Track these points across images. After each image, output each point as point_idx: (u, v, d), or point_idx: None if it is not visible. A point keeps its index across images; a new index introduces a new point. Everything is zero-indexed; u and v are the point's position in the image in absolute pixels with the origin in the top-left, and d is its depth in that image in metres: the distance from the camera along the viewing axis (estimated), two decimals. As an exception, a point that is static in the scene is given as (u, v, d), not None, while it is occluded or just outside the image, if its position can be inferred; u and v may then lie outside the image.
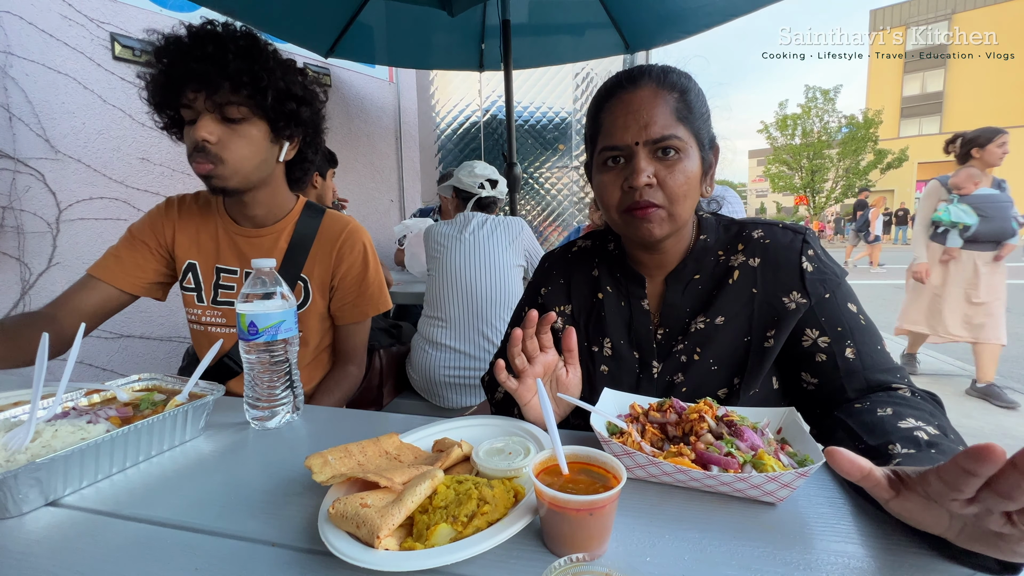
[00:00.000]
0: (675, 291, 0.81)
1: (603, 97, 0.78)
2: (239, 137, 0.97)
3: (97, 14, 2.10)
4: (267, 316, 0.77)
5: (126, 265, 1.08)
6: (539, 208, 4.16)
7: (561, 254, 0.95)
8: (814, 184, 25.42)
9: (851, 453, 0.42)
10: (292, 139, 1.07)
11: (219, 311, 1.11)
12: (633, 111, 0.73)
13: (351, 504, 0.48)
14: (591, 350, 0.86)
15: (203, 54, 0.91)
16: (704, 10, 2.49)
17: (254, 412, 0.80)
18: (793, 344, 0.75)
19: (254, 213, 1.09)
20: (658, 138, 0.71)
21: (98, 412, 0.72)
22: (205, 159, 0.95)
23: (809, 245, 0.77)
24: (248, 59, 0.93)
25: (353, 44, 2.81)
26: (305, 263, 1.11)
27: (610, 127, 0.75)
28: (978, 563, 0.43)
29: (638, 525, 0.51)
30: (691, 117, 0.74)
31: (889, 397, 0.65)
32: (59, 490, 0.60)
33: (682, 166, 0.72)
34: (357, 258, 1.14)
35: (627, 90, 0.75)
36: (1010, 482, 0.35)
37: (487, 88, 4.05)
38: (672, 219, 0.74)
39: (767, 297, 0.76)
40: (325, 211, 1.17)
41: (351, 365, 1.20)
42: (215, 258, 1.11)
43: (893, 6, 29.67)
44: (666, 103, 0.73)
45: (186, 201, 1.14)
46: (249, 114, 0.96)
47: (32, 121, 1.95)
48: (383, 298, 1.20)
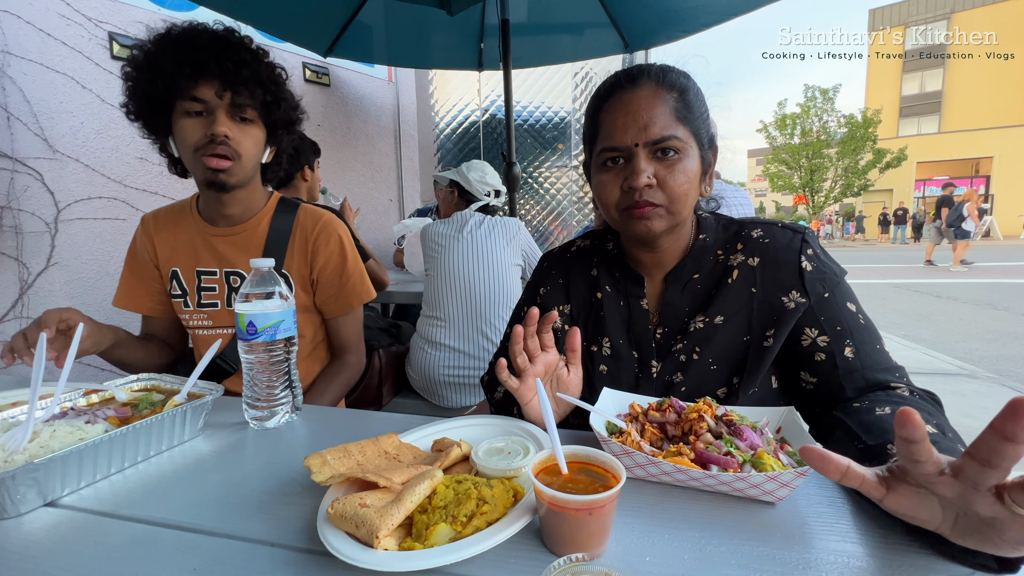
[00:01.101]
0: (674, 290, 0.81)
1: (602, 97, 0.78)
2: (249, 137, 1.02)
3: (95, 13, 2.10)
4: (266, 316, 0.77)
5: (135, 292, 1.15)
6: (538, 208, 4.16)
7: (560, 254, 0.95)
8: (813, 184, 25.43)
9: (825, 451, 0.42)
10: (279, 144, 1.12)
11: (204, 313, 1.12)
12: (632, 112, 0.72)
13: (350, 504, 0.48)
14: (590, 350, 0.86)
15: (226, 56, 0.95)
16: (703, 9, 2.49)
17: (253, 412, 0.80)
18: (792, 343, 0.75)
19: (230, 212, 1.10)
20: (658, 139, 0.71)
21: (96, 412, 0.72)
22: (226, 152, 0.98)
23: (808, 244, 0.77)
24: (258, 69, 1.01)
25: (352, 43, 2.81)
26: (284, 258, 1.13)
27: (609, 128, 0.75)
28: (977, 562, 0.43)
29: (637, 525, 0.51)
30: (690, 117, 0.74)
31: (888, 396, 0.65)
32: (57, 490, 0.60)
33: (682, 166, 0.72)
34: (334, 250, 1.15)
35: (626, 90, 0.75)
36: (989, 447, 0.35)
37: (486, 88, 4.05)
38: (671, 216, 0.74)
39: (766, 296, 0.76)
40: (299, 205, 1.18)
41: (348, 355, 1.22)
42: (194, 262, 1.12)
43: (892, 5, 29.70)
44: (665, 103, 0.73)
45: (160, 215, 1.16)
46: (257, 118, 1.03)
47: (30, 120, 1.94)
48: (366, 288, 1.21)
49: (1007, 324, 5.18)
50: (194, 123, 0.97)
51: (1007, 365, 3.79)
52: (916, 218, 22.75)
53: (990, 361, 3.90)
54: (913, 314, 5.89)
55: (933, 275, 9.44)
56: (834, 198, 25.44)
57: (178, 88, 0.95)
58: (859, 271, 10.54)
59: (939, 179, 27.07)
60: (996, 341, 4.52)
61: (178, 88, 0.95)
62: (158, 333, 1.19)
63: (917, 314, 5.89)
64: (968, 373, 3.59)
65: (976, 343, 4.47)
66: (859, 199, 26.84)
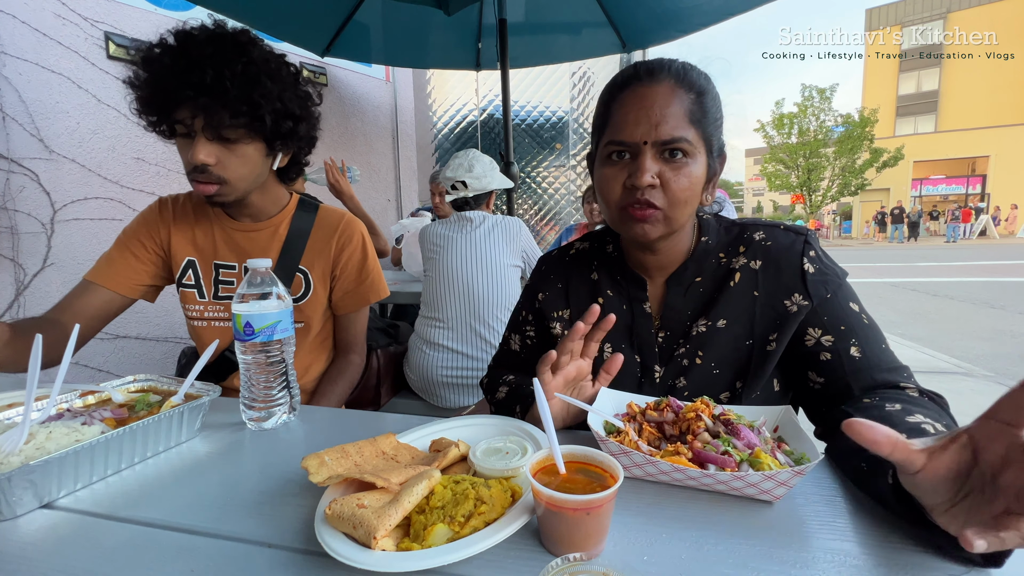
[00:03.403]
0: (676, 293, 0.81)
1: (618, 87, 0.75)
2: (236, 156, 0.97)
3: (91, 13, 2.09)
4: (263, 316, 0.77)
5: (120, 268, 1.08)
6: (536, 207, 4.16)
7: (558, 257, 0.94)
8: (810, 183, 25.48)
9: (869, 423, 0.42)
10: (287, 151, 1.09)
11: (221, 305, 1.12)
12: (646, 107, 0.70)
13: (348, 505, 0.48)
14: None
15: (201, 80, 0.88)
16: (700, 9, 2.50)
17: (250, 413, 0.80)
18: (796, 344, 0.75)
19: (251, 210, 1.11)
20: (667, 139, 0.69)
21: (93, 413, 0.72)
22: (208, 180, 0.96)
23: (811, 246, 0.76)
24: (247, 84, 0.91)
25: (349, 43, 2.81)
26: (304, 255, 1.14)
27: (620, 120, 0.73)
28: (963, 555, 0.44)
29: (635, 524, 0.51)
30: (704, 121, 0.72)
31: (897, 395, 0.65)
32: (53, 492, 0.59)
33: (687, 170, 0.71)
34: (357, 247, 1.18)
35: (644, 83, 0.72)
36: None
37: (484, 87, 4.05)
38: (668, 222, 0.73)
39: (769, 300, 0.76)
40: (319, 206, 1.20)
41: (352, 354, 1.24)
42: (213, 255, 1.12)
43: (888, 5, 29.78)
44: (681, 103, 0.70)
45: (179, 200, 1.15)
46: (245, 135, 0.96)
47: (26, 121, 1.94)
48: (382, 285, 1.24)
49: (1003, 322, 5.20)
50: (183, 144, 0.96)
51: (1003, 363, 3.81)
52: (911, 217, 22.82)
53: (986, 359, 3.92)
54: (910, 312, 5.91)
55: (930, 274, 9.48)
56: (831, 197, 25.49)
57: (162, 110, 0.94)
58: (858, 270, 10.56)
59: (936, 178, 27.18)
60: (992, 339, 4.54)
61: (162, 110, 0.94)
62: (85, 313, 1.02)
63: (914, 312, 5.91)
64: (964, 371, 3.61)
65: (972, 341, 4.49)
66: (856, 198, 26.90)
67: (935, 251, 11.43)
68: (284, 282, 1.11)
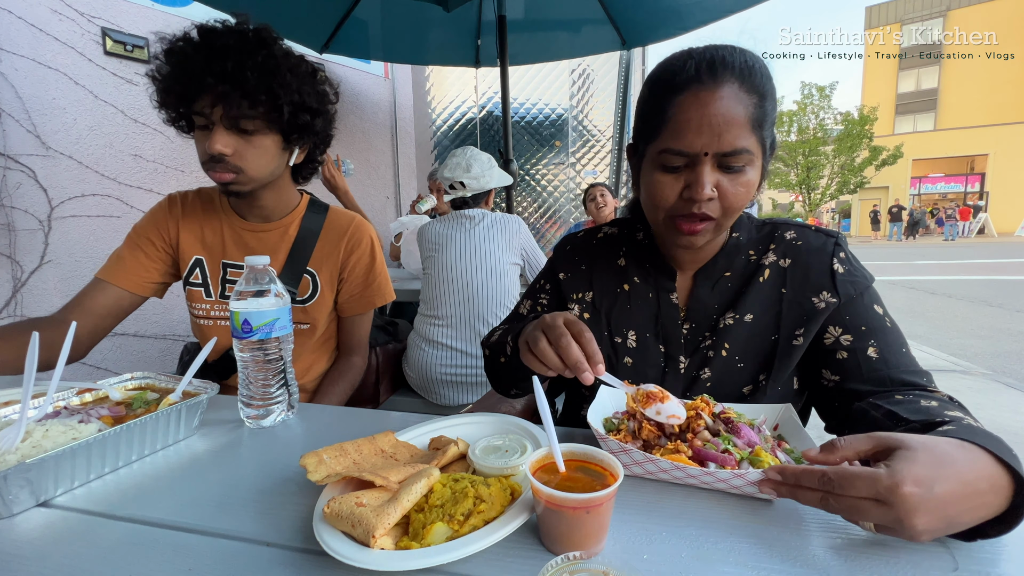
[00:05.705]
0: (704, 287, 0.81)
1: (675, 87, 0.69)
2: (254, 148, 0.98)
3: (88, 8, 2.08)
4: (261, 314, 0.77)
5: (131, 266, 1.09)
6: (535, 205, 4.16)
7: (585, 240, 0.93)
8: (809, 181, 25.48)
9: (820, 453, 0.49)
10: (303, 146, 1.09)
11: (227, 305, 1.11)
12: (708, 115, 0.65)
13: (346, 503, 0.48)
14: (613, 341, 0.84)
15: (222, 69, 0.90)
16: (701, 6, 2.49)
17: (248, 411, 0.80)
18: (814, 341, 0.75)
19: (262, 209, 1.11)
20: (729, 151, 0.66)
21: (90, 411, 0.71)
22: (225, 169, 0.96)
23: (841, 248, 0.77)
24: (266, 75, 0.93)
25: (348, 39, 2.79)
26: (312, 257, 1.14)
27: (681, 127, 0.67)
28: None
29: (635, 522, 0.51)
30: (764, 124, 0.69)
31: (930, 395, 0.65)
32: (50, 491, 0.59)
33: (745, 179, 0.68)
34: (365, 250, 1.18)
35: (705, 87, 0.66)
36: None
37: (483, 84, 4.04)
38: (718, 229, 0.72)
39: (796, 296, 0.76)
40: (329, 207, 1.20)
41: (355, 356, 1.24)
42: (221, 254, 1.12)
43: (887, 3, 29.74)
44: (745, 109, 0.66)
45: (188, 198, 1.14)
46: (263, 127, 0.98)
47: (22, 117, 1.93)
48: (388, 288, 1.24)
49: (1002, 321, 5.21)
50: (200, 135, 0.97)
51: (1001, 361, 3.82)
52: (913, 215, 22.83)
53: (985, 358, 3.93)
54: (908, 311, 5.92)
55: (929, 272, 9.49)
56: (830, 195, 25.50)
57: (182, 101, 0.94)
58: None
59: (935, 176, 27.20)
60: (991, 338, 4.56)
61: (182, 101, 0.94)
62: (95, 312, 1.03)
63: (912, 311, 5.92)
64: (963, 370, 3.61)
65: (971, 340, 4.50)
66: (855, 196, 26.91)
67: (933, 249, 11.43)
68: (292, 283, 1.11)
